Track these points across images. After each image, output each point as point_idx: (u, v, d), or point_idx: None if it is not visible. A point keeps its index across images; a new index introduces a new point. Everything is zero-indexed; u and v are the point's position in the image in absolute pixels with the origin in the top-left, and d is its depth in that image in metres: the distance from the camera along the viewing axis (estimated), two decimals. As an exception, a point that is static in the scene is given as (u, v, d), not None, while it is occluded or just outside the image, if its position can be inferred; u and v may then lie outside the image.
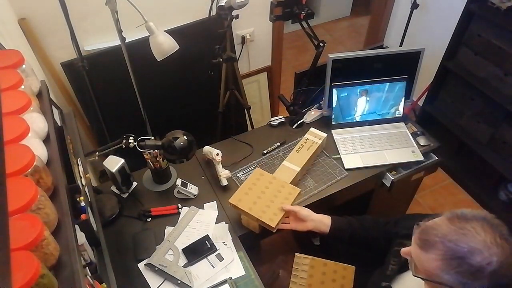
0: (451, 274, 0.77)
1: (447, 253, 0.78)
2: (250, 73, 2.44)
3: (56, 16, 1.46)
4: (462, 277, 0.76)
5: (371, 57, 1.69)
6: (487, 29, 1.99)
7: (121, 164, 1.43)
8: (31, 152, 0.76)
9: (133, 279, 1.27)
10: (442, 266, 0.78)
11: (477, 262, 0.74)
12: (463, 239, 0.77)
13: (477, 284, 0.75)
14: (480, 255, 0.74)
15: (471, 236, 0.77)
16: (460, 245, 0.77)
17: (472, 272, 0.75)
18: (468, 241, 0.76)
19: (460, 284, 0.77)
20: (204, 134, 1.75)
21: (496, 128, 2.12)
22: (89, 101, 1.83)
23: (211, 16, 1.96)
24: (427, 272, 0.83)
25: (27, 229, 0.65)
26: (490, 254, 0.74)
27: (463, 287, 0.77)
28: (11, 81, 0.89)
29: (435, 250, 0.79)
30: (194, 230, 1.40)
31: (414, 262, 0.86)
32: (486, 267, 0.74)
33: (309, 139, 1.63)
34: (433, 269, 0.80)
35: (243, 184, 1.38)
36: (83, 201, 0.96)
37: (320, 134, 1.65)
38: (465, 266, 0.75)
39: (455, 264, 0.77)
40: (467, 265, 0.75)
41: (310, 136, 1.64)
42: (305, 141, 1.62)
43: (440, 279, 0.80)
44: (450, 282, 0.78)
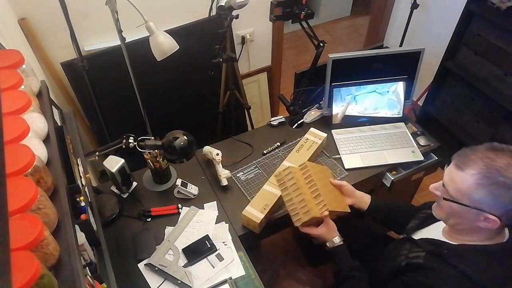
0: (485, 188, 0.85)
1: (485, 167, 0.86)
2: (250, 73, 2.44)
3: (56, 16, 1.46)
4: (494, 189, 0.84)
5: (371, 57, 1.69)
6: (487, 29, 1.99)
7: (121, 164, 1.43)
8: (31, 152, 0.76)
9: (133, 279, 1.27)
10: (479, 180, 0.86)
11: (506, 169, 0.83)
12: (500, 157, 0.86)
13: (507, 196, 0.84)
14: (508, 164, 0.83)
15: (508, 155, 0.85)
16: (497, 160, 0.85)
17: (505, 184, 0.83)
18: (506, 159, 0.85)
19: (492, 197, 0.85)
20: (204, 134, 1.75)
21: (496, 128, 2.12)
22: (89, 101, 1.83)
23: (211, 16, 1.96)
24: (458, 193, 0.90)
25: (27, 229, 0.65)
26: None
27: (494, 201, 0.85)
28: (11, 81, 0.89)
29: (473, 166, 0.88)
30: (194, 230, 1.40)
31: (447, 187, 0.94)
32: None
33: (309, 139, 1.63)
34: (468, 187, 0.88)
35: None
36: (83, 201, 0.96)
37: (320, 134, 1.65)
38: (500, 177, 0.84)
39: (491, 177, 0.85)
40: (502, 177, 0.84)
41: (310, 136, 1.64)
42: (305, 141, 1.62)
43: (471, 198, 0.88)
44: (481, 198, 0.86)
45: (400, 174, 1.63)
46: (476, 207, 0.89)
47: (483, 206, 0.88)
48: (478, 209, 0.88)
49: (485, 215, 0.88)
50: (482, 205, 0.88)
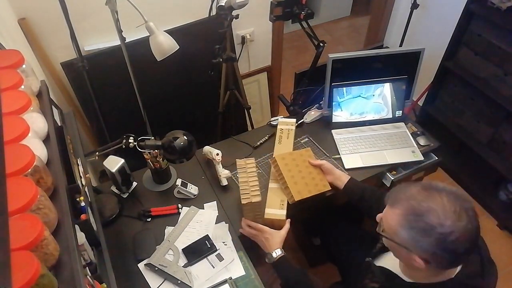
0: (406, 230, 0.85)
1: (408, 209, 0.86)
2: (250, 73, 2.44)
3: (56, 16, 1.46)
4: (415, 233, 0.84)
5: (371, 57, 1.69)
6: (487, 29, 1.99)
7: (121, 164, 1.43)
8: (31, 152, 0.76)
9: (133, 279, 1.27)
10: (402, 221, 0.86)
11: (430, 221, 0.82)
12: (426, 201, 0.84)
13: (425, 241, 0.82)
14: (435, 216, 0.81)
15: (434, 200, 0.83)
16: (421, 204, 0.84)
17: (424, 229, 0.82)
18: (429, 203, 0.83)
19: (412, 240, 0.85)
20: (204, 134, 1.75)
21: (496, 128, 2.12)
22: (89, 101, 1.83)
23: (211, 16, 1.96)
24: (389, 229, 0.91)
25: (27, 229, 0.65)
26: (445, 218, 0.81)
27: (415, 243, 0.84)
28: (11, 81, 0.89)
29: (399, 206, 0.88)
30: (194, 230, 1.40)
31: (382, 221, 0.95)
32: (437, 227, 0.81)
33: (283, 129, 1.68)
34: (394, 224, 0.88)
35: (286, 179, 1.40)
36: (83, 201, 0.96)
37: (290, 120, 1.71)
38: (420, 223, 0.83)
39: (412, 220, 0.84)
40: (422, 222, 0.83)
41: (283, 126, 1.69)
42: (281, 132, 1.66)
43: (398, 236, 0.88)
44: (405, 238, 0.86)
45: (400, 174, 1.63)
46: (403, 246, 0.88)
47: (409, 247, 0.86)
48: (406, 248, 0.87)
49: (413, 256, 0.87)
50: (407, 246, 0.87)
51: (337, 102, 1.73)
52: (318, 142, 1.73)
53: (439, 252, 0.82)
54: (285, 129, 1.67)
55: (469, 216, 0.82)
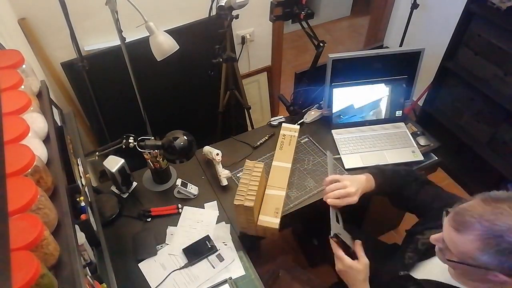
0: (490, 254, 0.77)
1: (485, 232, 0.77)
2: (250, 73, 2.44)
3: (56, 16, 1.46)
4: (500, 255, 0.76)
5: (371, 57, 1.69)
6: (487, 29, 1.99)
7: (121, 164, 1.43)
8: (31, 152, 0.76)
9: (133, 279, 1.27)
10: (481, 246, 0.77)
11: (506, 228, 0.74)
12: (500, 218, 0.76)
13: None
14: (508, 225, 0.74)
15: (508, 215, 0.76)
16: (497, 223, 0.76)
17: (509, 250, 0.74)
18: (506, 220, 0.75)
19: (499, 263, 0.77)
20: (204, 134, 1.75)
21: (496, 128, 2.12)
22: (89, 101, 1.83)
23: (211, 16, 1.96)
24: (462, 255, 0.81)
25: (27, 229, 0.65)
26: None
27: (500, 264, 0.76)
28: (11, 81, 0.89)
29: (472, 231, 0.78)
30: (194, 230, 1.40)
31: (448, 247, 0.85)
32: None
33: (286, 135, 1.65)
34: (470, 251, 0.79)
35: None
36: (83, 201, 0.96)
37: (294, 126, 1.68)
38: (504, 244, 0.75)
39: (494, 243, 0.76)
40: (505, 243, 0.75)
41: (285, 131, 1.67)
42: (283, 137, 1.64)
43: (477, 260, 0.79)
44: (488, 262, 0.78)
45: (400, 174, 1.63)
46: (482, 267, 0.80)
47: (491, 267, 0.79)
48: (485, 269, 0.79)
49: (494, 273, 0.79)
50: (488, 266, 0.79)
51: (337, 102, 1.73)
52: (318, 142, 1.73)
53: None
54: (287, 135, 1.64)
55: None
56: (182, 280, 1.26)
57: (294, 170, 1.60)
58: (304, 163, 1.64)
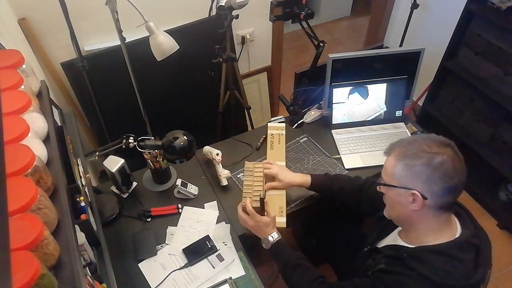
0: (400, 163, 0.95)
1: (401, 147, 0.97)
2: (250, 73, 2.44)
3: (56, 16, 1.46)
4: (407, 161, 0.94)
5: (371, 57, 1.69)
6: (487, 29, 1.99)
7: (121, 164, 1.43)
8: (31, 152, 0.76)
9: (133, 279, 1.27)
10: (395, 159, 0.97)
11: (418, 147, 0.94)
12: (416, 139, 0.97)
13: (417, 165, 0.92)
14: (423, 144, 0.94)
15: (424, 139, 0.96)
16: (411, 141, 0.97)
17: (414, 154, 0.93)
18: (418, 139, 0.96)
19: (406, 168, 0.94)
20: (204, 134, 1.75)
21: (496, 128, 2.12)
22: (89, 101, 1.83)
23: (211, 16, 1.96)
24: (387, 176, 1.00)
25: (27, 229, 0.65)
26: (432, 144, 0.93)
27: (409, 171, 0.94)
28: (11, 81, 0.89)
29: (394, 150, 0.99)
30: (194, 230, 1.40)
31: (382, 175, 1.03)
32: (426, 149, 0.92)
33: (274, 134, 1.65)
34: (390, 167, 0.98)
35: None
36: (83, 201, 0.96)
37: (280, 125, 1.69)
38: (410, 151, 0.95)
39: (403, 152, 0.96)
40: (411, 151, 0.94)
41: (273, 130, 1.67)
42: (272, 137, 1.64)
43: (395, 177, 0.97)
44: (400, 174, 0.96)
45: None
46: (401, 186, 0.96)
47: (405, 182, 0.95)
48: (403, 187, 0.95)
49: (410, 192, 0.94)
50: (403, 181, 0.95)
51: (337, 102, 1.73)
52: (318, 142, 1.73)
53: (431, 174, 0.90)
54: (275, 134, 1.64)
55: (453, 147, 0.93)
56: (182, 280, 1.26)
57: (294, 170, 1.60)
58: (304, 163, 1.64)
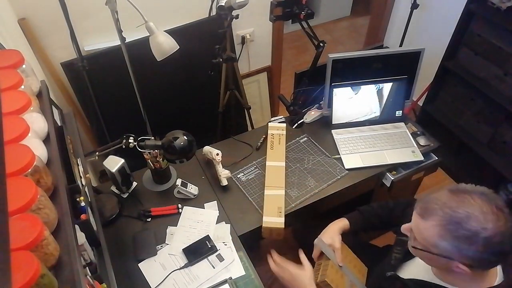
0: (447, 240, 0.81)
1: (445, 218, 0.81)
2: (250, 73, 2.44)
3: (56, 16, 1.46)
4: (458, 242, 0.80)
5: (371, 57, 1.69)
6: (487, 29, 1.99)
7: (121, 164, 1.43)
8: (31, 152, 0.76)
9: (133, 279, 1.27)
10: (440, 231, 0.82)
11: (472, 227, 0.78)
12: (461, 206, 0.80)
13: (472, 249, 0.79)
14: (476, 221, 0.78)
15: (468, 204, 0.80)
16: (457, 211, 0.80)
17: (468, 237, 0.78)
18: (465, 208, 0.80)
19: (456, 249, 0.81)
20: (204, 134, 1.75)
21: (496, 128, 2.12)
22: (89, 101, 1.83)
23: (211, 16, 1.96)
24: (425, 242, 0.86)
25: (27, 229, 0.65)
26: (486, 220, 0.78)
27: (459, 252, 0.81)
28: (11, 81, 0.89)
29: (434, 216, 0.83)
30: (194, 230, 1.40)
31: (414, 233, 0.90)
32: (481, 232, 0.77)
33: (274, 134, 1.65)
34: (431, 236, 0.84)
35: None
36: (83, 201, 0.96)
37: (280, 125, 1.69)
38: (461, 231, 0.79)
39: (452, 229, 0.80)
40: (463, 230, 0.79)
41: (273, 130, 1.67)
42: (272, 137, 1.64)
43: (437, 247, 0.84)
44: (447, 249, 0.82)
45: (400, 174, 1.63)
46: (444, 256, 0.84)
47: (452, 256, 0.83)
48: (447, 258, 0.84)
49: (455, 263, 0.83)
50: (450, 255, 0.83)
51: (337, 102, 1.73)
52: (318, 142, 1.73)
53: (486, 256, 0.79)
54: (276, 134, 1.64)
55: (504, 213, 0.79)
56: (182, 280, 1.26)
57: (294, 169, 1.60)
58: (304, 163, 1.64)
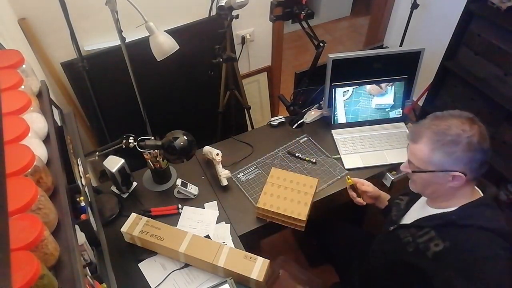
0: (438, 150, 0.95)
1: (432, 134, 0.96)
2: (250, 73, 2.44)
3: (56, 16, 1.46)
4: (447, 148, 0.94)
5: (371, 57, 1.69)
6: (487, 29, 1.99)
7: (121, 164, 1.43)
8: (31, 152, 0.76)
9: (133, 279, 1.27)
10: (431, 145, 0.96)
11: (454, 132, 0.93)
12: (442, 123, 0.97)
13: (459, 149, 0.92)
14: (456, 127, 0.94)
15: (448, 119, 0.97)
16: (440, 125, 0.96)
17: (453, 140, 0.93)
18: (446, 122, 0.96)
19: (447, 155, 0.94)
20: (204, 134, 1.75)
21: (496, 128, 2.12)
22: (89, 101, 1.83)
23: (211, 16, 1.96)
24: (421, 162, 1.00)
25: (27, 229, 0.65)
26: (464, 126, 0.93)
27: (450, 157, 0.94)
28: (11, 81, 0.89)
29: (423, 137, 0.98)
30: (195, 230, 1.40)
31: (411, 161, 1.03)
32: (462, 134, 0.92)
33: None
34: (425, 154, 0.98)
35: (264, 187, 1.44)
36: (83, 201, 0.96)
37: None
38: (447, 137, 0.94)
39: (440, 139, 0.95)
40: (449, 136, 0.94)
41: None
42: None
43: (432, 162, 0.97)
44: (440, 160, 0.95)
45: (400, 174, 1.63)
46: (440, 170, 0.96)
47: (446, 166, 0.95)
48: (443, 171, 0.96)
49: (451, 174, 0.95)
50: (444, 166, 0.95)
51: (337, 102, 1.73)
52: (318, 142, 1.73)
53: (472, 155, 0.92)
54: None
55: (476, 122, 0.95)
56: (182, 280, 1.26)
57: (294, 170, 1.60)
58: (304, 163, 1.64)
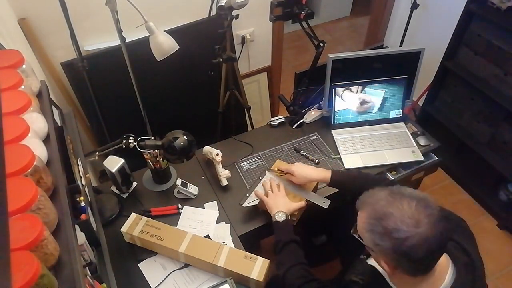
0: (369, 233, 0.86)
1: (371, 213, 0.86)
2: (250, 73, 2.44)
3: (56, 16, 1.46)
4: (375, 237, 0.84)
5: (371, 57, 1.69)
6: (487, 29, 1.99)
7: (121, 164, 1.43)
8: (31, 152, 0.76)
9: (133, 279, 1.27)
10: (365, 224, 0.87)
11: (387, 225, 0.82)
12: (387, 206, 0.84)
13: (384, 245, 0.83)
14: (393, 221, 0.82)
15: (396, 206, 0.83)
16: (382, 209, 0.84)
17: (382, 233, 0.83)
18: (389, 208, 0.84)
19: (373, 243, 0.85)
20: (204, 134, 1.75)
21: (496, 128, 2.12)
22: (89, 101, 1.83)
23: (211, 16, 1.96)
24: (359, 231, 0.92)
25: (27, 229, 0.65)
26: (402, 223, 0.81)
27: (377, 247, 0.85)
28: (11, 81, 0.89)
29: (365, 209, 0.89)
30: (195, 230, 1.40)
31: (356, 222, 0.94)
32: (392, 233, 0.81)
33: None
34: (361, 227, 0.89)
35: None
36: (83, 201, 0.96)
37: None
38: (378, 227, 0.83)
39: (373, 223, 0.85)
40: (380, 227, 0.83)
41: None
42: None
43: (364, 238, 0.89)
44: (369, 241, 0.87)
45: (400, 174, 1.63)
46: (371, 249, 0.89)
47: (372, 248, 0.87)
48: (370, 249, 0.88)
49: (379, 259, 0.88)
50: (371, 247, 0.87)
51: (337, 102, 1.73)
52: (318, 142, 1.73)
53: (396, 257, 0.82)
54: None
55: (430, 223, 0.80)
56: (182, 280, 1.26)
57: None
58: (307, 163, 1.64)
